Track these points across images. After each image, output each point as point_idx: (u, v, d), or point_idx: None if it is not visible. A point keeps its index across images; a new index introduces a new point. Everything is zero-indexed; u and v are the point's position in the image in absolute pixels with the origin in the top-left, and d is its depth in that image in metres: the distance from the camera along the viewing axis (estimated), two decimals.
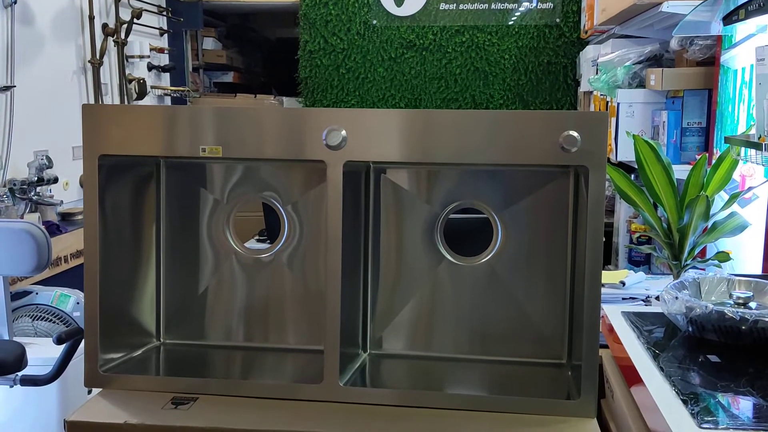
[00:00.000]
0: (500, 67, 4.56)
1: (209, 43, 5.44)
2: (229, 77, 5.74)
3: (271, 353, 1.37)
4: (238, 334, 1.39)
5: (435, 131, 1.15)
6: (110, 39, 3.95)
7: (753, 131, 1.79)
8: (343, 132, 1.15)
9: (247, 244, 1.42)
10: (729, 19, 1.93)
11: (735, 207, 1.83)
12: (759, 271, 1.98)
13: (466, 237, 1.42)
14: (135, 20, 4.11)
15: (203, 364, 1.36)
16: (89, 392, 1.28)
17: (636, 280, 2.02)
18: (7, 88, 3.12)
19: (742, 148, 1.78)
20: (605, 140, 1.12)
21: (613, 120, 2.86)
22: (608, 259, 3.34)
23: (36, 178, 3.10)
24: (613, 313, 1.44)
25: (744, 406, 1.04)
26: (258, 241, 3.08)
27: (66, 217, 3.28)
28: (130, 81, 4.16)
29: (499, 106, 4.56)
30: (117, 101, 4.04)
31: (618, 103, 2.80)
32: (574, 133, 1.10)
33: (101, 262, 1.23)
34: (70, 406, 1.17)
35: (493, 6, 4.51)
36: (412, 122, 1.16)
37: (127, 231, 1.32)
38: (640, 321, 1.39)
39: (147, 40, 4.39)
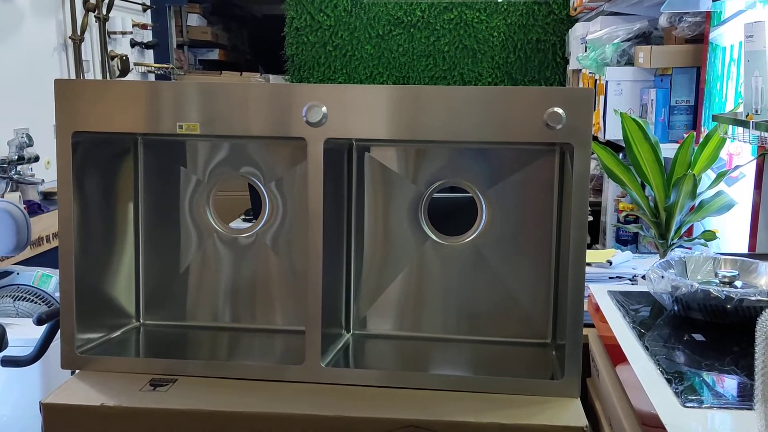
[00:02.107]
0: (489, 44, 4.53)
1: (194, 20, 5.36)
2: (214, 54, 5.68)
3: (253, 334, 1.36)
4: (220, 314, 1.38)
5: (417, 108, 1.13)
6: (91, 14, 3.88)
7: (741, 109, 1.78)
8: (324, 108, 1.12)
9: (232, 224, 1.40)
10: None
11: (722, 186, 1.82)
12: (745, 250, 1.98)
13: (451, 216, 1.41)
14: None
15: (183, 345, 1.34)
16: (72, 373, 1.26)
17: (623, 260, 2.02)
18: None
19: (730, 127, 1.76)
20: (591, 117, 1.10)
21: (602, 98, 2.85)
22: (596, 238, 3.34)
23: (16, 157, 3.05)
24: (600, 293, 1.44)
25: (728, 384, 1.04)
26: (244, 220, 3.05)
27: (48, 197, 3.23)
28: (113, 58, 4.09)
29: (488, 84, 4.53)
30: (99, 78, 3.98)
31: (606, 81, 2.78)
32: (559, 110, 1.08)
33: (77, 241, 1.20)
34: (53, 388, 1.16)
35: None
36: (395, 98, 1.14)
37: (103, 209, 1.30)
38: (626, 300, 1.38)
39: (129, 16, 4.32)
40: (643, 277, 1.68)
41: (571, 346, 1.11)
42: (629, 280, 1.84)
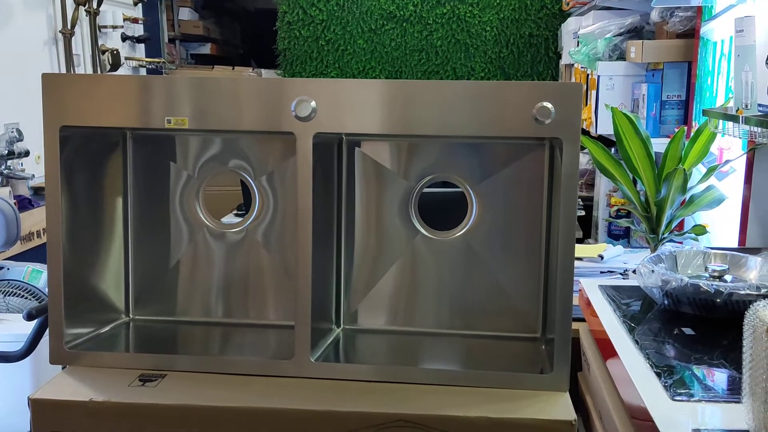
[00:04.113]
0: (482, 39, 4.52)
1: (185, 14, 5.34)
2: (206, 49, 5.65)
3: (243, 329, 1.35)
4: (210, 309, 1.37)
5: (407, 102, 1.12)
6: (82, 8, 3.85)
7: (731, 104, 1.78)
8: (313, 103, 1.12)
9: (225, 219, 1.39)
10: None
11: (712, 180, 1.83)
12: (735, 244, 1.98)
13: (442, 211, 1.40)
14: None
15: (173, 341, 1.34)
16: (63, 368, 1.25)
17: (614, 254, 2.02)
18: None
19: (721, 121, 1.77)
20: (579, 112, 1.10)
21: (593, 93, 2.85)
22: (588, 232, 3.35)
23: (6, 152, 3.03)
24: (591, 287, 1.44)
25: (717, 378, 1.04)
26: (236, 215, 3.05)
27: (38, 192, 3.21)
28: (104, 52, 4.07)
29: (481, 78, 4.52)
30: (90, 73, 3.96)
31: (598, 76, 2.78)
32: (548, 105, 1.08)
33: (65, 236, 1.20)
34: (43, 383, 1.15)
35: None
36: (384, 93, 1.13)
37: (92, 204, 1.29)
38: (617, 294, 1.39)
39: (120, 10, 4.29)
40: (634, 271, 1.68)
41: (560, 340, 1.11)
42: (620, 274, 1.84)
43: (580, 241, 3.24)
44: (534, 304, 1.29)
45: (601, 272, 1.86)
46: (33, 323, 1.90)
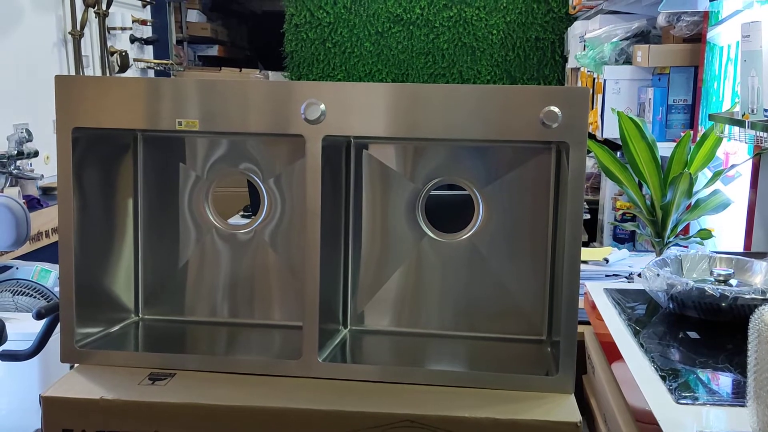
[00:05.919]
0: (488, 42, 4.53)
1: (193, 16, 5.37)
2: (214, 51, 5.68)
3: (251, 329, 1.37)
4: (218, 309, 1.38)
5: (415, 105, 1.13)
6: (91, 10, 3.88)
7: (737, 109, 1.79)
8: (322, 106, 1.13)
9: (231, 220, 1.40)
10: None
11: (718, 184, 1.83)
12: (740, 249, 1.99)
13: (449, 213, 1.41)
14: None
15: (182, 340, 1.35)
16: (71, 367, 1.26)
17: (619, 257, 2.03)
18: None
19: (727, 126, 1.77)
20: (586, 116, 1.11)
21: (600, 97, 2.86)
22: (594, 236, 3.36)
23: (16, 152, 3.06)
24: (596, 290, 1.45)
25: (722, 382, 1.04)
26: (243, 216, 3.06)
27: (47, 192, 3.24)
28: (112, 53, 4.09)
29: (487, 81, 4.54)
30: (99, 74, 3.98)
31: (604, 80, 2.79)
32: (555, 109, 1.08)
33: (77, 236, 1.21)
34: (51, 382, 1.16)
35: None
36: (393, 96, 1.14)
37: (103, 205, 1.30)
38: (622, 298, 1.39)
39: (129, 12, 4.32)
40: (639, 275, 1.69)
41: (566, 342, 1.12)
42: (625, 278, 1.85)
43: (585, 244, 3.24)
44: (540, 306, 1.30)
45: (606, 276, 1.87)
46: (42, 322, 1.92)
